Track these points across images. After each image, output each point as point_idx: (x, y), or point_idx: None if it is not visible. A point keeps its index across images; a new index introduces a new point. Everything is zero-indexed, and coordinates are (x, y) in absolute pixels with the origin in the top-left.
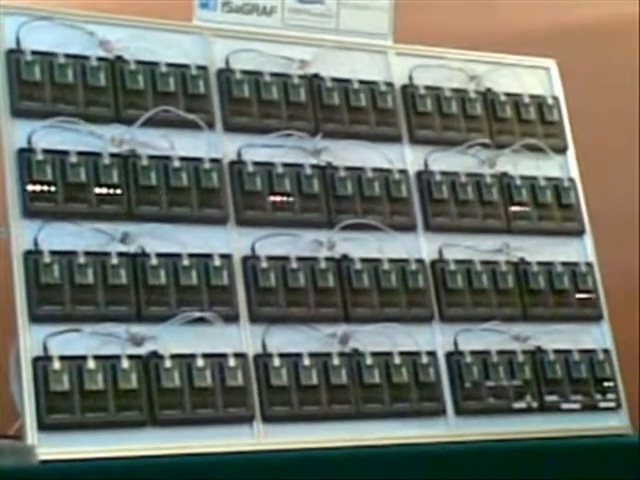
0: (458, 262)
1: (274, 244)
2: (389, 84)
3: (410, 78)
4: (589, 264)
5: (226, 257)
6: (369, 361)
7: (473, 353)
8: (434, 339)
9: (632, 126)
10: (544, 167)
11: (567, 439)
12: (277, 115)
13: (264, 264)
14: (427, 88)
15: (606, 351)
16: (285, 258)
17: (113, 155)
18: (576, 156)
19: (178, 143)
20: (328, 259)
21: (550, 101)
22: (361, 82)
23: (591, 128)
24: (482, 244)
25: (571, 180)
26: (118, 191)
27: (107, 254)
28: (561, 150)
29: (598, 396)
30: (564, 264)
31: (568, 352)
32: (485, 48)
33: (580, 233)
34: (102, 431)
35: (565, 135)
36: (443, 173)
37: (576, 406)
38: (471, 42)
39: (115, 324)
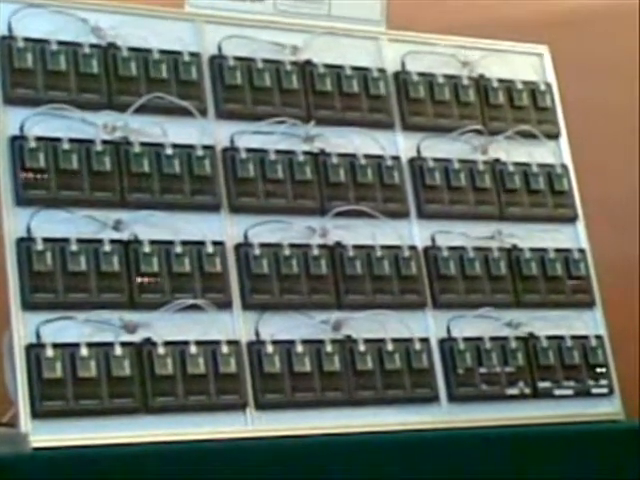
0: (451, 249)
1: (267, 231)
2: (381, 70)
3: (402, 64)
4: (582, 250)
5: (219, 244)
6: (362, 348)
7: (466, 340)
8: (427, 326)
9: (630, 111)
10: (537, 153)
11: (560, 425)
12: (270, 102)
13: (257, 251)
14: (419, 75)
15: (599, 337)
16: (278, 245)
17: (105, 142)
18: (575, 142)
19: (171, 130)
20: (321, 246)
21: (543, 87)
22: (353, 68)
23: (591, 114)
24: (475, 231)
25: (564, 166)
26: (110, 178)
27: (100, 241)
28: (554, 136)
29: (591, 382)
30: (557, 250)
31: (561, 338)
32: (478, 34)
33: (573, 219)
34: (95, 418)
35: (558, 121)
36: (436, 160)
37: (569, 392)
38: (463, 28)
39: (108, 311)
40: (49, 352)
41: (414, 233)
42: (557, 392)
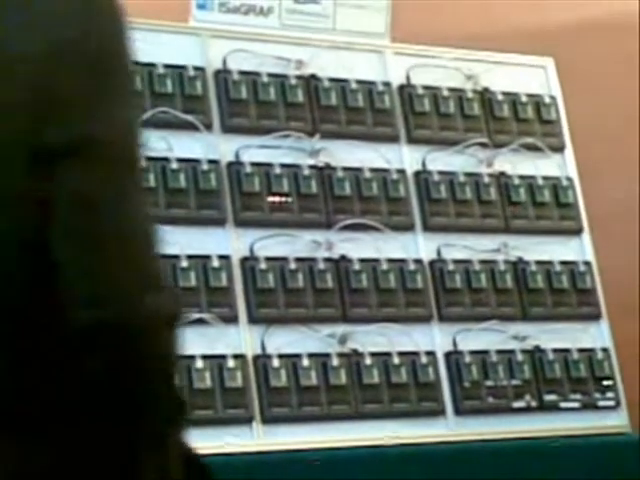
0: (456, 262)
1: (272, 245)
2: (386, 84)
3: (407, 78)
4: (587, 263)
5: (225, 258)
6: (368, 361)
7: (472, 353)
8: (433, 339)
9: (633, 122)
10: (542, 166)
11: (566, 438)
12: (275, 116)
13: (263, 265)
14: (424, 88)
15: (605, 350)
16: (284, 259)
17: None
18: (580, 155)
19: (176, 144)
20: (327, 259)
21: (547, 100)
22: (358, 82)
23: (595, 126)
24: (480, 244)
25: (569, 179)
26: None
27: None
28: (559, 149)
29: (597, 395)
30: (562, 263)
31: (567, 351)
32: (482, 47)
33: (578, 232)
34: None
35: (563, 134)
36: (441, 173)
37: (575, 405)
38: (468, 41)
39: None
40: None
41: (420, 246)
42: (563, 405)
